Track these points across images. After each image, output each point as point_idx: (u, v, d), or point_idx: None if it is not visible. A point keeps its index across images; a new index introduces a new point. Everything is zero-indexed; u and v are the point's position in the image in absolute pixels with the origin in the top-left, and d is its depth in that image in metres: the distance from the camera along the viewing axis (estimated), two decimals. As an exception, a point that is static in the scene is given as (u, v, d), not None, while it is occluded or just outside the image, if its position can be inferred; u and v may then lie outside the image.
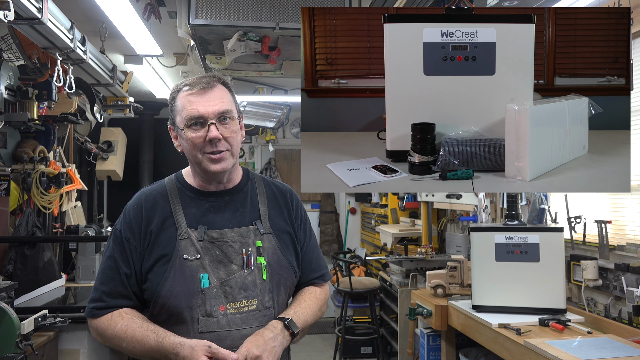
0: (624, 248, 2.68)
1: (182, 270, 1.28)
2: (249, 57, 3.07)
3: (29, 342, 2.03)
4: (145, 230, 1.33)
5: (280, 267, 1.38)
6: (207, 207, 1.37)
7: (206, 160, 1.32)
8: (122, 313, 1.30)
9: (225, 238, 1.33)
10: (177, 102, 1.37)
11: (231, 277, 1.30)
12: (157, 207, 1.36)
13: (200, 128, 1.31)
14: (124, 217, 1.38)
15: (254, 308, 1.30)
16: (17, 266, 2.86)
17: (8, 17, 1.82)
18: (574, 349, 1.95)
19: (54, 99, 3.20)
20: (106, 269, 1.33)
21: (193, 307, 1.26)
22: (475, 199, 3.79)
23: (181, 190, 1.40)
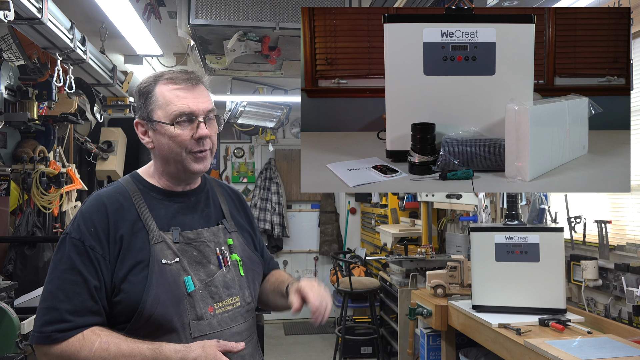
0: (624, 248, 2.68)
1: (163, 275, 1.19)
2: (249, 57, 3.07)
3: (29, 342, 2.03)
4: (115, 237, 1.19)
5: (252, 262, 1.39)
6: (175, 208, 1.31)
7: (190, 159, 1.26)
8: (95, 330, 1.13)
9: (202, 238, 1.30)
10: (157, 94, 1.26)
11: (214, 277, 1.27)
12: (123, 210, 1.23)
13: (187, 125, 1.24)
14: (84, 222, 1.19)
15: (237, 305, 1.30)
16: (17, 266, 2.87)
17: (8, 17, 1.82)
18: (574, 349, 1.95)
19: (54, 99, 3.20)
20: (66, 283, 1.14)
21: (182, 312, 1.19)
22: (475, 199, 3.79)
23: (144, 191, 1.30)
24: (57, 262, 1.18)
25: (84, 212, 1.22)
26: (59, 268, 1.17)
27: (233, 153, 6.90)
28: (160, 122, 1.25)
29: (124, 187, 1.29)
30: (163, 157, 1.29)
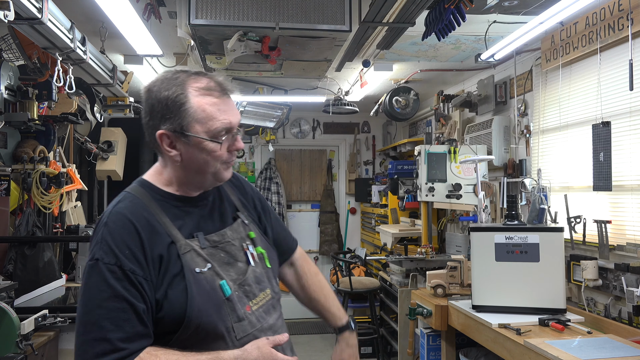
0: (624, 248, 2.68)
1: (200, 284, 1.17)
2: (249, 57, 3.07)
3: (29, 342, 2.03)
4: (152, 255, 1.15)
5: (270, 250, 1.40)
6: (196, 212, 1.28)
7: (223, 169, 1.25)
8: (151, 352, 1.10)
9: (227, 238, 1.28)
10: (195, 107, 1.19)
11: (246, 276, 1.27)
12: (151, 225, 1.18)
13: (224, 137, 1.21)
14: (116, 245, 1.12)
15: (269, 298, 1.32)
16: (17, 266, 2.86)
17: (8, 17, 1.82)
18: (574, 349, 1.95)
19: (54, 99, 3.19)
20: (112, 311, 1.09)
21: (224, 317, 1.19)
22: (475, 199, 3.79)
23: (162, 201, 1.24)
24: (93, 290, 1.11)
25: (112, 234, 1.14)
26: (99, 297, 1.10)
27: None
28: (198, 137, 1.19)
29: (141, 200, 1.22)
30: (192, 169, 1.24)
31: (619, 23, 2.64)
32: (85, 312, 1.11)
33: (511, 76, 3.92)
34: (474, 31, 3.24)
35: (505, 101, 4.02)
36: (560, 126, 3.29)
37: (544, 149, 3.52)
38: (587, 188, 3.02)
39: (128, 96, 4.18)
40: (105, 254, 1.11)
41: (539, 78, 3.55)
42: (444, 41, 3.43)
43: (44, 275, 3.00)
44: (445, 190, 4.03)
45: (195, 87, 1.20)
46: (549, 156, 3.46)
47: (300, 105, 5.95)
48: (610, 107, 2.84)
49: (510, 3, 2.72)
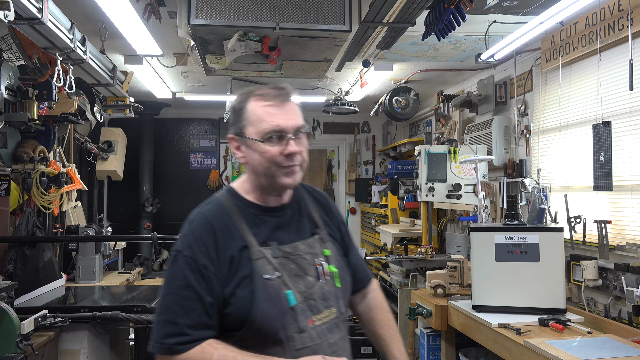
0: (624, 248, 2.68)
1: (267, 290, 1.23)
2: (249, 57, 3.07)
3: (29, 342, 2.03)
4: (224, 255, 1.24)
5: (344, 272, 1.39)
6: (273, 223, 1.34)
7: (281, 174, 1.29)
8: (212, 344, 1.20)
9: (299, 251, 1.32)
10: (249, 111, 1.30)
11: (313, 290, 1.29)
12: (229, 229, 1.28)
13: (277, 141, 1.27)
14: (195, 242, 1.25)
15: (334, 316, 1.32)
16: (17, 266, 2.86)
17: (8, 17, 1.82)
18: (573, 349, 1.95)
19: (54, 99, 3.19)
20: (183, 299, 1.20)
21: (286, 325, 1.23)
22: (475, 199, 3.79)
23: (242, 208, 1.33)
24: (171, 277, 1.24)
25: (194, 231, 1.27)
26: (174, 284, 1.22)
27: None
28: (251, 138, 1.28)
29: (224, 205, 1.32)
30: (255, 171, 1.31)
31: (619, 23, 2.64)
32: (163, 295, 1.24)
33: (511, 76, 3.92)
34: (474, 31, 3.24)
35: (505, 101, 4.02)
36: (560, 126, 3.29)
37: (544, 149, 3.52)
38: (587, 188, 3.02)
39: (128, 96, 4.18)
40: (185, 247, 1.24)
41: (539, 78, 3.55)
42: (444, 41, 3.43)
43: (44, 275, 3.00)
44: (445, 190, 4.03)
45: (256, 94, 1.31)
46: (549, 156, 3.46)
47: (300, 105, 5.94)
48: (610, 107, 2.84)
49: (510, 3, 2.72)
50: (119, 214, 6.55)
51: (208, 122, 6.86)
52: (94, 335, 2.59)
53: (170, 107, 6.40)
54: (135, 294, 2.88)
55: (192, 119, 6.82)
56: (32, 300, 2.73)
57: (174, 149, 6.80)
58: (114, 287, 3.37)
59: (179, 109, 6.54)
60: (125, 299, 2.77)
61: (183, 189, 6.77)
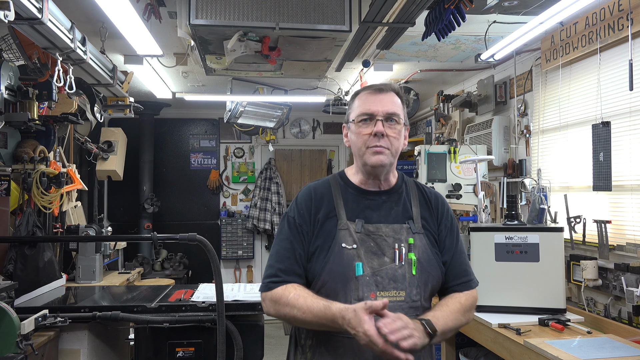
0: (624, 248, 2.68)
1: (341, 257, 1.41)
2: (249, 57, 3.07)
3: (29, 342, 2.03)
4: (315, 219, 1.48)
5: (430, 265, 1.46)
6: (365, 203, 1.51)
7: (369, 153, 1.46)
8: (294, 285, 1.43)
9: (380, 232, 1.46)
10: (354, 102, 1.53)
11: (383, 268, 1.41)
12: (324, 199, 1.51)
13: (369, 124, 1.46)
14: (297, 205, 1.53)
15: (401, 299, 1.40)
16: (18, 266, 2.86)
17: (8, 17, 1.82)
18: (573, 349, 1.95)
19: (54, 99, 3.19)
20: (281, 249, 1.48)
21: (348, 291, 1.39)
22: (475, 199, 3.79)
23: (343, 187, 1.54)
24: (279, 232, 1.53)
25: (298, 198, 1.55)
26: (280, 237, 1.51)
27: (233, 153, 6.89)
28: (351, 121, 1.52)
29: (329, 181, 1.57)
30: (354, 153, 1.53)
31: (619, 23, 2.65)
32: (272, 245, 1.53)
33: (511, 76, 3.92)
34: (474, 31, 3.24)
35: (505, 101, 4.02)
36: (560, 126, 3.29)
37: (543, 149, 3.52)
38: (587, 188, 3.02)
39: (128, 96, 4.18)
40: (291, 210, 1.54)
41: (539, 78, 3.55)
42: (444, 41, 3.43)
43: (44, 275, 3.00)
44: (445, 190, 4.02)
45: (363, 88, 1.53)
46: (548, 156, 3.46)
47: (300, 105, 5.95)
48: (610, 107, 2.84)
49: (510, 3, 2.72)
50: (119, 214, 6.55)
51: (208, 122, 6.86)
52: (94, 335, 2.59)
53: (170, 107, 6.40)
54: (135, 294, 2.88)
55: (192, 119, 6.82)
56: (32, 300, 2.73)
57: (174, 149, 6.79)
58: (114, 287, 3.37)
59: (179, 109, 6.54)
60: (125, 299, 2.78)
61: (183, 189, 6.77)
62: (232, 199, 6.88)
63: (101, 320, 2.42)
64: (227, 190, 6.89)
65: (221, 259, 6.69)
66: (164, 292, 2.81)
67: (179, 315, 2.43)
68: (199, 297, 2.61)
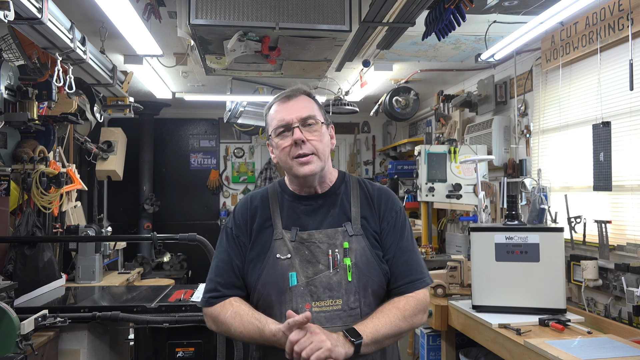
0: (624, 248, 2.68)
1: (275, 267, 1.37)
2: (249, 57, 3.07)
3: (29, 342, 2.03)
4: (250, 229, 1.44)
5: (369, 268, 1.38)
6: (301, 210, 1.45)
7: (295, 164, 1.39)
8: (232, 301, 1.39)
9: (313, 239, 1.39)
10: (269, 115, 1.47)
11: (316, 277, 1.35)
12: (260, 208, 1.47)
13: (287, 134, 1.40)
14: (234, 216, 1.50)
15: (338, 308, 1.33)
16: (17, 266, 2.86)
17: (8, 17, 1.82)
18: (574, 349, 1.95)
19: (54, 99, 3.19)
20: (220, 262, 1.45)
21: (282, 302, 1.34)
22: (475, 199, 3.79)
23: (281, 194, 1.49)
24: (218, 244, 1.50)
25: (236, 208, 1.53)
26: (218, 250, 1.48)
27: (233, 153, 6.89)
28: (270, 137, 1.45)
29: (268, 190, 1.52)
30: (283, 167, 1.45)
31: (619, 23, 2.64)
32: (213, 257, 1.50)
33: (511, 76, 3.92)
34: (474, 31, 3.24)
35: (505, 101, 4.01)
36: (560, 126, 3.29)
37: (544, 149, 3.52)
38: (587, 188, 3.02)
39: (128, 96, 4.18)
40: (229, 221, 1.51)
41: (539, 78, 3.55)
42: (444, 41, 3.43)
43: (44, 275, 3.00)
44: (445, 190, 4.02)
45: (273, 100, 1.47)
46: (549, 156, 3.46)
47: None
48: (610, 107, 2.84)
49: (510, 3, 2.72)
50: (119, 214, 6.54)
51: (208, 122, 6.86)
52: (94, 335, 2.59)
53: (170, 107, 6.40)
54: (135, 294, 2.88)
55: (192, 119, 6.82)
56: (32, 300, 2.73)
57: (174, 149, 6.79)
58: (114, 287, 3.37)
59: (179, 109, 6.54)
60: (125, 299, 2.77)
61: (183, 189, 6.77)
62: (232, 199, 6.88)
63: (101, 320, 2.42)
64: (227, 190, 6.89)
65: (221, 259, 6.68)
66: (164, 292, 2.81)
67: (179, 316, 2.43)
68: (198, 297, 2.60)
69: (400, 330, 1.34)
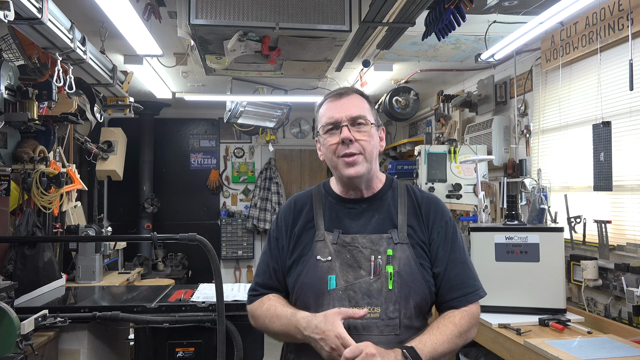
0: (624, 248, 2.68)
1: (315, 269, 1.36)
2: (249, 57, 3.07)
3: (29, 342, 2.03)
4: (292, 231, 1.45)
5: (412, 278, 1.33)
6: (345, 212, 1.43)
7: (341, 164, 1.38)
8: (269, 297, 1.44)
9: (356, 243, 1.37)
10: (319, 112, 1.46)
11: (356, 282, 1.32)
12: (304, 210, 1.47)
13: (335, 132, 1.39)
14: (277, 219, 1.52)
15: (376, 316, 1.29)
16: (17, 266, 2.86)
17: (8, 17, 1.82)
18: (574, 349, 1.95)
19: (54, 99, 3.19)
20: (261, 263, 1.50)
21: (319, 305, 1.32)
22: (475, 199, 3.79)
23: (325, 196, 1.48)
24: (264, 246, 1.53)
25: (279, 210, 1.55)
26: (263, 251, 1.53)
27: (233, 153, 6.89)
28: (318, 134, 1.45)
29: (312, 191, 1.52)
30: (329, 165, 1.45)
31: (619, 23, 2.64)
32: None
33: (511, 76, 3.92)
34: (474, 31, 3.24)
35: (505, 101, 4.01)
36: (560, 126, 3.29)
37: (544, 149, 3.52)
38: (587, 188, 3.02)
39: (128, 96, 4.18)
40: (273, 222, 1.54)
41: (539, 78, 3.55)
42: (444, 41, 3.43)
43: (44, 275, 3.00)
44: (445, 190, 4.02)
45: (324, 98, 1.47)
46: (549, 156, 3.46)
47: (300, 105, 5.95)
48: (610, 107, 2.84)
49: (510, 3, 2.71)
50: (119, 214, 6.55)
51: (208, 122, 6.86)
52: (94, 335, 2.59)
53: (170, 107, 6.40)
54: (135, 294, 2.88)
55: (192, 119, 6.82)
56: (32, 300, 2.73)
57: (174, 149, 6.79)
58: (114, 287, 3.37)
59: (179, 109, 6.54)
60: (125, 299, 2.77)
61: (183, 189, 6.77)
62: (232, 199, 6.88)
63: (101, 320, 2.42)
64: (227, 190, 6.89)
65: (221, 259, 6.69)
66: (164, 292, 2.81)
67: (179, 316, 2.43)
68: (198, 297, 2.60)
69: (456, 347, 1.30)
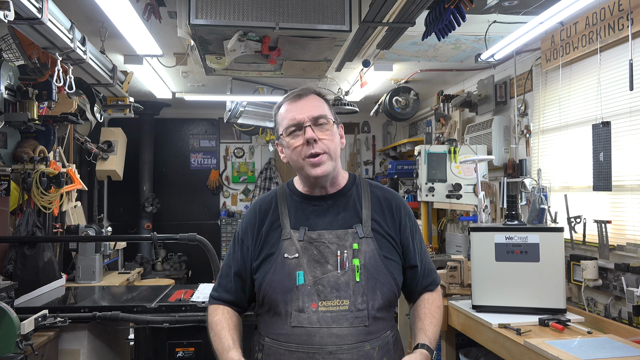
0: (624, 248, 2.68)
1: (282, 267, 1.38)
2: (249, 57, 3.07)
3: (29, 342, 2.03)
4: (258, 232, 1.46)
5: (377, 271, 1.39)
6: (310, 210, 1.46)
7: (307, 165, 1.41)
8: (224, 311, 1.47)
9: (323, 239, 1.40)
10: (279, 114, 1.47)
11: (324, 277, 1.36)
12: (269, 211, 1.48)
13: (299, 134, 1.41)
14: (242, 221, 1.54)
15: (345, 308, 1.34)
16: (17, 266, 2.86)
17: (8, 17, 1.82)
18: (574, 349, 1.95)
19: (54, 99, 3.19)
20: (224, 265, 1.53)
21: (288, 301, 1.34)
22: (475, 199, 3.79)
23: (289, 195, 1.51)
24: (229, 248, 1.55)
25: (246, 213, 1.56)
26: (227, 253, 1.54)
27: (233, 153, 6.89)
28: (281, 136, 1.45)
29: (276, 192, 1.54)
30: (294, 167, 1.48)
31: (619, 23, 2.64)
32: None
33: (511, 76, 3.92)
34: (474, 31, 3.24)
35: (505, 101, 4.01)
36: (560, 126, 3.29)
37: (544, 149, 3.52)
38: (587, 188, 3.02)
39: (128, 96, 4.18)
40: (239, 225, 1.55)
41: (539, 78, 3.55)
42: (444, 41, 3.43)
43: (44, 275, 3.00)
44: (445, 190, 4.02)
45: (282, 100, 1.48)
46: (549, 156, 3.46)
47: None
48: (610, 107, 2.84)
49: (510, 3, 2.72)
50: (119, 214, 6.55)
51: (208, 122, 6.86)
52: (94, 335, 2.59)
53: (170, 107, 6.40)
54: (135, 294, 2.88)
55: (192, 119, 6.82)
56: (32, 300, 2.73)
57: (174, 149, 6.79)
58: (114, 287, 3.37)
59: (179, 109, 6.54)
60: (125, 299, 2.77)
61: (183, 189, 6.77)
62: (232, 199, 6.88)
63: (101, 320, 2.42)
64: (227, 190, 6.89)
65: (221, 259, 6.69)
66: (164, 292, 2.81)
67: (179, 316, 2.43)
68: (199, 297, 2.61)
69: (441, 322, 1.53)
